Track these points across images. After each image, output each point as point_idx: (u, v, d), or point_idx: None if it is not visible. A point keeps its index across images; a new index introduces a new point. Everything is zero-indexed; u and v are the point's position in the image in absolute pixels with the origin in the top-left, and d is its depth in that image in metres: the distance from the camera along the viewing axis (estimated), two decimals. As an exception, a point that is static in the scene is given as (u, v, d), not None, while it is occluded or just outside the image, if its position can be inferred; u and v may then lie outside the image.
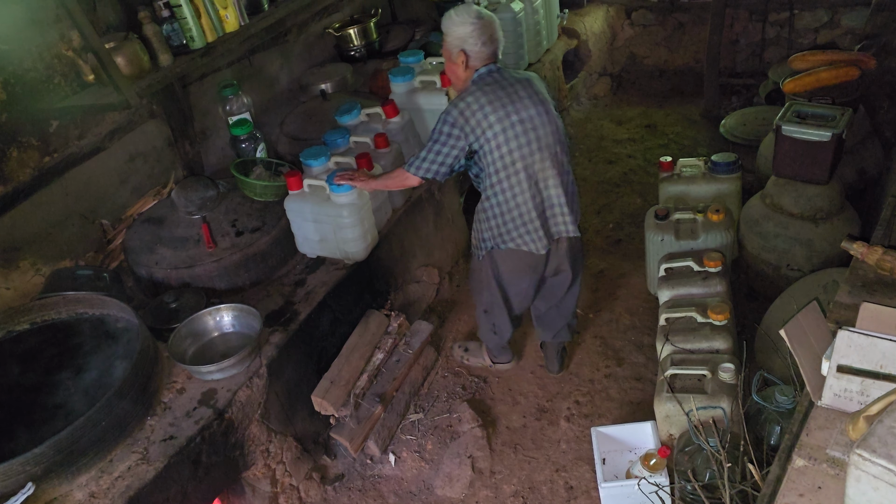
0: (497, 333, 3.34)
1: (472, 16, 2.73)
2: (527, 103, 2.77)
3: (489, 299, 3.19)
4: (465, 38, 2.74)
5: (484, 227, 2.97)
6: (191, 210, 3.23)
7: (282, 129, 4.01)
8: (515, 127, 2.74)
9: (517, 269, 3.04)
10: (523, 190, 2.82)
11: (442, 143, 2.77)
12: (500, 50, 2.83)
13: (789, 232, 3.35)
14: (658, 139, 5.25)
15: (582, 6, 5.89)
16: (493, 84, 2.76)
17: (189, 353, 2.83)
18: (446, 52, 2.83)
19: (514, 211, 2.86)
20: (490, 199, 2.87)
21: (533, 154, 2.79)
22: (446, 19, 2.79)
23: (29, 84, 3.01)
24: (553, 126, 2.83)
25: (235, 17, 3.42)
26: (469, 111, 2.72)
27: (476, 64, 2.79)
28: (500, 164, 2.77)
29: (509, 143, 2.74)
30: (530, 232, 2.90)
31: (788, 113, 3.29)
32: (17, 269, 3.05)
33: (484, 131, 2.72)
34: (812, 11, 5.28)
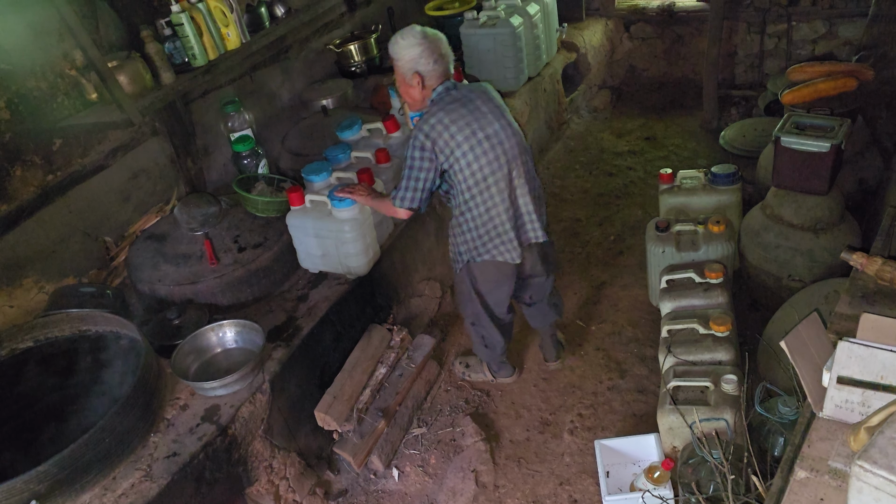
0: (488, 346, 3.35)
1: (419, 37, 2.77)
2: (490, 119, 2.82)
3: (473, 311, 3.22)
4: (416, 60, 2.77)
5: (459, 241, 3.01)
6: (193, 226, 3.25)
7: (283, 145, 4.03)
8: (483, 144, 2.78)
9: (494, 279, 3.09)
10: (496, 203, 2.87)
11: (417, 170, 2.79)
12: (451, 66, 2.86)
13: (790, 242, 3.36)
14: (658, 151, 5.27)
15: (581, 20, 5.93)
16: (453, 102, 2.79)
17: (192, 370, 2.84)
18: (400, 77, 2.86)
19: (488, 224, 2.91)
20: (465, 214, 2.91)
21: (502, 168, 2.83)
22: (393, 45, 2.82)
23: (32, 103, 3.05)
24: (517, 136, 2.89)
25: (237, 34, 3.45)
26: (435, 132, 2.75)
27: (432, 83, 2.82)
28: (471, 181, 2.81)
29: (479, 160, 2.78)
30: (505, 243, 2.95)
31: (787, 124, 3.31)
32: (20, 286, 3.06)
33: (452, 151, 2.76)
34: (809, 23, 5.31)
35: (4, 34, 2.90)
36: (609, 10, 6.03)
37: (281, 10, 3.79)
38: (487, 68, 4.76)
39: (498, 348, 3.35)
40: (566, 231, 4.56)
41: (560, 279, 4.14)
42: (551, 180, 5.08)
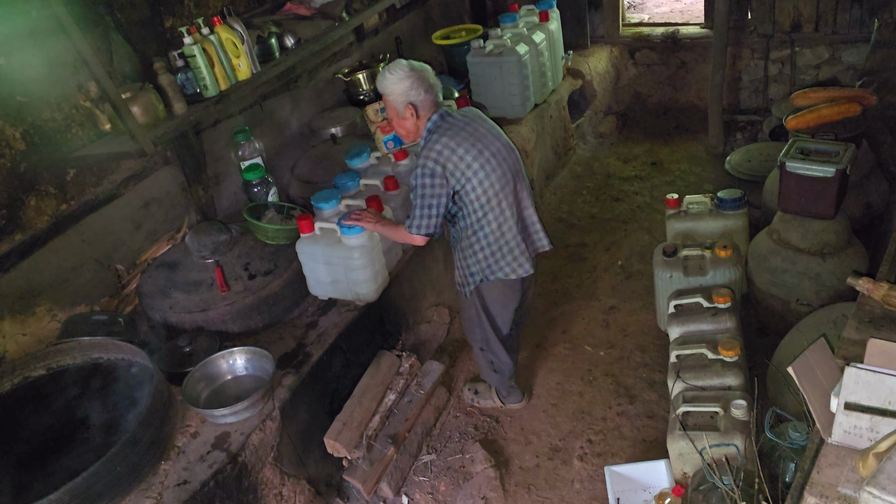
0: (498, 371, 3.37)
1: (406, 70, 2.85)
2: (490, 138, 2.93)
3: (482, 335, 3.25)
4: (407, 92, 2.84)
5: (471, 261, 3.04)
6: (204, 254, 3.28)
7: (293, 173, 4.08)
8: (491, 161, 2.87)
9: (503, 296, 3.14)
10: (506, 218, 2.95)
11: (430, 196, 2.84)
12: (440, 95, 2.94)
13: (797, 267, 3.37)
14: (664, 176, 5.30)
15: (586, 47, 6.00)
16: (452, 127, 2.87)
17: (203, 397, 2.85)
18: (393, 111, 2.93)
19: (500, 240, 2.97)
20: (477, 233, 2.96)
21: (509, 183, 2.93)
22: (383, 80, 2.89)
23: (47, 134, 3.10)
24: (515, 152, 3.03)
25: (248, 65, 3.51)
26: (443, 157, 2.81)
27: (425, 113, 2.89)
28: (483, 199, 2.88)
29: (490, 177, 2.86)
30: (517, 257, 3.02)
31: (792, 149, 3.33)
32: (33, 315, 3.09)
33: (464, 172, 2.82)
34: (813, 49, 5.36)
35: (22, 67, 2.97)
36: (614, 37, 6.10)
37: (291, 40, 3.86)
38: (494, 96, 4.81)
39: (507, 372, 3.36)
40: (573, 256, 4.58)
41: (568, 304, 4.15)
42: (558, 205, 5.11)
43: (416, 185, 2.85)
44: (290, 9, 4.12)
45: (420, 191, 2.84)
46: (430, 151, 2.83)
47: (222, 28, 3.37)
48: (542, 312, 4.12)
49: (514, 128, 4.80)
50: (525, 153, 4.74)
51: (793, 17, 5.30)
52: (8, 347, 2.99)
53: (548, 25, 5.05)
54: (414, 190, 2.87)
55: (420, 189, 2.84)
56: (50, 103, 3.11)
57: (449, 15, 6.11)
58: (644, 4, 7.41)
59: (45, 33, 3.02)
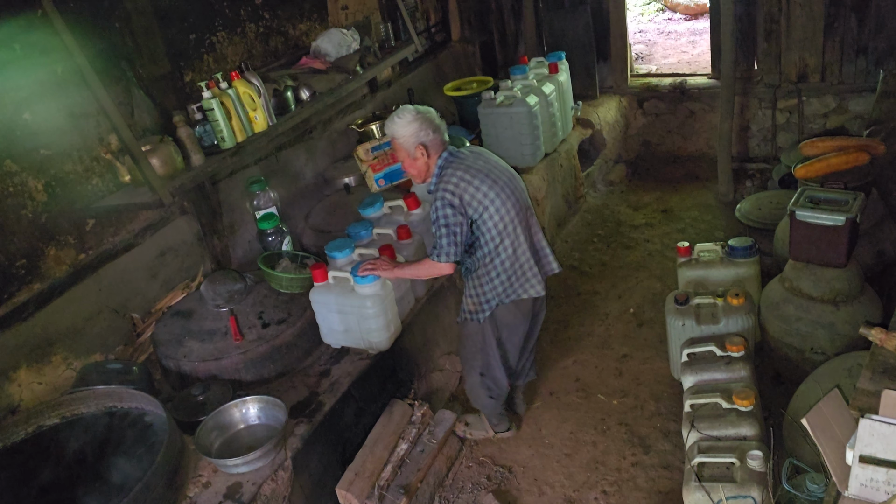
0: (494, 397, 3.43)
1: (413, 112, 3.03)
2: (499, 169, 3.12)
3: (485, 360, 3.32)
4: (416, 133, 3.00)
5: (487, 288, 3.14)
6: (219, 303, 3.32)
7: (307, 222, 4.14)
8: (505, 190, 3.04)
9: (516, 318, 3.25)
10: (521, 243, 3.10)
11: (453, 225, 2.96)
12: (445, 135, 3.11)
13: (811, 315, 3.36)
14: (675, 223, 5.33)
15: (595, 97, 6.09)
16: (464, 162, 3.04)
17: (215, 446, 2.85)
18: (404, 154, 3.07)
19: (515, 264, 3.11)
20: (494, 261, 3.08)
21: (522, 210, 3.11)
22: (392, 124, 3.04)
23: (69, 185, 3.18)
24: (521, 182, 3.20)
25: (264, 118, 3.59)
26: (460, 189, 2.95)
27: (435, 151, 3.05)
28: (501, 226, 3.02)
29: (505, 204, 3.02)
30: (530, 279, 3.16)
31: (802, 198, 3.36)
32: (49, 363, 3.12)
33: (481, 201, 2.96)
34: (820, 98, 5.42)
35: (46, 121, 3.06)
36: (622, 87, 6.20)
37: (306, 93, 3.95)
38: (505, 146, 4.88)
39: (502, 397, 3.45)
40: (586, 304, 4.58)
41: (581, 352, 4.14)
42: (570, 253, 5.13)
43: (438, 217, 2.97)
44: (305, 63, 4.23)
45: (442, 220, 2.96)
46: (446, 185, 2.97)
47: (240, 82, 3.47)
48: (555, 361, 4.11)
49: (525, 177, 4.85)
50: (536, 202, 4.79)
51: (799, 67, 5.38)
52: (24, 396, 3.01)
53: (557, 77, 5.15)
54: (435, 222, 2.98)
55: (442, 220, 2.96)
56: (72, 155, 3.19)
57: (460, 67, 6.24)
58: (651, 56, 7.54)
59: (69, 88, 3.13)
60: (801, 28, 5.24)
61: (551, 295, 4.68)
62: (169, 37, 3.55)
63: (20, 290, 3.01)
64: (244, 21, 4.06)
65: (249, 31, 4.10)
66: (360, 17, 5.04)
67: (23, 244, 3.01)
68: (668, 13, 9.06)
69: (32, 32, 2.96)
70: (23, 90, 2.97)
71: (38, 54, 3.00)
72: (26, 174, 3.01)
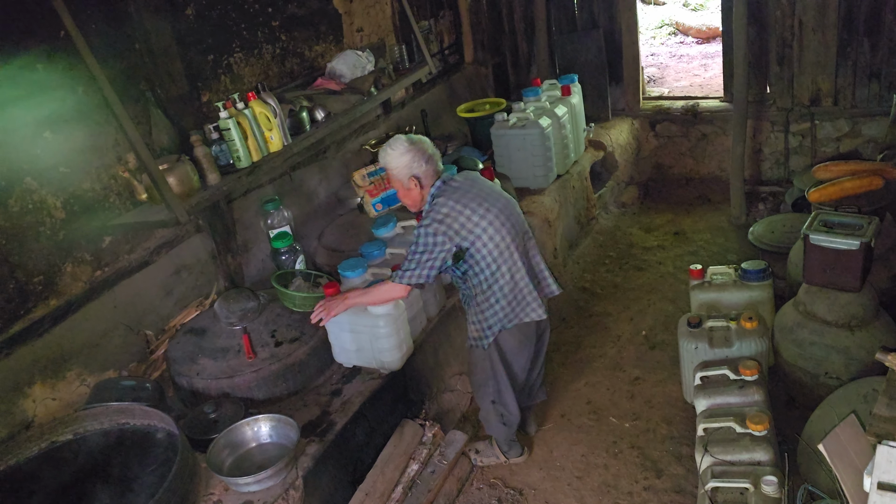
0: (507, 423, 3.41)
1: (406, 145, 3.03)
2: (494, 196, 3.11)
3: (496, 387, 3.30)
4: (409, 165, 3.02)
5: (489, 314, 3.14)
6: (232, 321, 3.33)
7: (320, 241, 4.16)
8: (500, 216, 3.05)
9: (520, 343, 3.24)
10: (519, 268, 3.10)
11: (429, 252, 2.96)
12: (440, 163, 3.10)
13: (825, 340, 3.34)
14: (687, 246, 5.32)
15: (608, 119, 6.11)
16: (457, 191, 3.04)
17: (227, 464, 2.85)
18: (398, 184, 3.10)
19: (515, 289, 3.11)
20: (492, 287, 3.08)
21: (518, 235, 3.12)
22: (385, 156, 3.06)
23: (86, 203, 3.22)
24: (517, 207, 3.21)
25: (279, 138, 3.63)
26: (450, 219, 2.96)
27: (428, 181, 3.06)
28: (496, 253, 3.02)
29: (500, 231, 3.03)
30: (530, 303, 3.15)
31: (815, 222, 3.35)
32: (63, 379, 3.14)
33: (472, 230, 2.97)
34: (833, 122, 5.42)
35: (66, 139, 3.11)
36: (635, 110, 6.22)
37: (321, 114, 3.99)
38: (518, 167, 4.91)
39: (514, 423, 3.42)
40: (597, 326, 4.57)
41: (592, 374, 4.13)
42: (581, 275, 5.13)
43: (419, 243, 2.97)
44: (320, 84, 4.27)
45: (422, 247, 2.96)
46: (436, 214, 2.98)
47: (256, 103, 3.51)
48: (567, 383, 4.10)
49: (537, 198, 4.87)
50: (548, 223, 4.80)
51: (811, 91, 5.39)
52: (37, 412, 3.03)
53: (570, 99, 5.18)
54: (414, 245, 2.98)
55: (422, 246, 2.96)
56: (90, 174, 3.23)
57: (473, 89, 6.29)
58: (664, 79, 7.57)
59: (90, 108, 3.18)
60: (814, 52, 5.26)
61: (562, 316, 4.68)
62: (187, 58, 3.61)
63: (37, 305, 3.04)
64: (261, 43, 4.12)
65: (266, 52, 4.16)
66: (375, 39, 5.10)
67: (41, 261, 3.04)
68: (680, 37, 9.11)
69: (54, 52, 3.02)
70: (44, 109, 3.01)
71: (59, 74, 3.05)
72: (45, 191, 3.05)
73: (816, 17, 5.15)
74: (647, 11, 9.69)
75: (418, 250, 2.97)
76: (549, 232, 4.82)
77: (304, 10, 4.43)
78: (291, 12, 4.33)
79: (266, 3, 4.13)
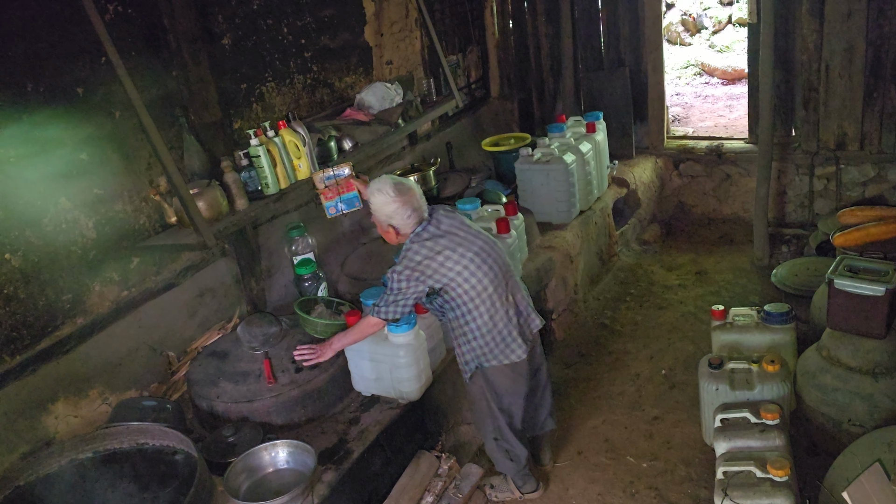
0: (513, 460, 3.37)
1: (392, 195, 3.01)
2: (472, 238, 3.10)
3: (494, 424, 3.28)
4: (391, 216, 3.04)
5: (466, 349, 3.16)
6: (254, 345, 3.36)
7: (342, 269, 4.19)
8: (475, 260, 3.03)
9: (513, 381, 3.21)
10: (497, 310, 3.08)
11: (403, 291, 3.00)
12: (425, 211, 3.09)
13: (848, 386, 3.30)
14: (709, 286, 5.29)
15: (631, 157, 6.14)
16: (433, 237, 3.04)
17: (243, 489, 2.86)
18: (376, 221, 3.14)
19: (493, 330, 3.10)
20: (469, 324, 3.09)
21: (497, 275, 3.09)
22: (371, 195, 3.08)
23: (118, 224, 3.29)
24: (498, 247, 3.19)
25: (307, 165, 3.69)
26: (424, 263, 2.98)
27: (406, 231, 3.07)
28: (473, 293, 3.03)
29: (475, 275, 3.02)
30: (509, 344, 3.14)
31: (840, 267, 3.33)
32: (86, 397, 3.18)
33: (445, 274, 2.99)
34: (858, 167, 5.39)
35: (101, 162, 3.19)
36: (659, 149, 6.25)
37: (349, 144, 4.05)
38: (541, 202, 4.93)
39: (522, 458, 3.39)
40: (616, 363, 4.54)
41: (610, 412, 4.10)
42: (602, 311, 5.12)
43: (392, 284, 3.01)
44: (349, 114, 4.35)
45: (395, 288, 3.00)
46: (409, 261, 3.01)
47: (286, 131, 3.58)
48: (584, 420, 4.07)
49: (559, 233, 4.89)
50: (570, 258, 4.81)
51: (837, 135, 5.38)
52: (59, 428, 3.07)
53: (594, 136, 5.22)
54: (389, 284, 3.03)
55: (395, 286, 3.00)
56: (122, 196, 3.31)
57: (498, 123, 6.36)
58: (688, 119, 7.61)
59: (125, 131, 3.27)
60: (840, 97, 5.26)
61: (581, 352, 4.66)
62: (221, 86, 3.69)
63: (64, 323, 3.10)
64: (293, 73, 4.21)
65: (297, 82, 4.25)
66: (404, 71, 5.19)
67: (70, 279, 3.11)
68: (706, 77, 9.16)
69: (94, 77, 3.11)
70: (82, 131, 3.10)
71: (98, 98, 3.14)
72: (79, 212, 3.12)
73: (843, 63, 5.17)
74: (673, 52, 9.77)
75: (392, 291, 3.01)
76: (570, 267, 4.82)
77: (336, 42, 4.54)
78: (324, 44, 4.43)
79: (299, 34, 4.24)
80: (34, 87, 2.92)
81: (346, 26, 4.62)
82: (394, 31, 5.07)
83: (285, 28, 4.13)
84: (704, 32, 10.11)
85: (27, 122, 2.89)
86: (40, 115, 2.94)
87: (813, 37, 5.23)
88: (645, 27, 5.93)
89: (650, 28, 5.92)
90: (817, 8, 5.14)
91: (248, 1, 3.87)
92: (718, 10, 10.17)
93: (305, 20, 4.27)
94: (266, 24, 4.00)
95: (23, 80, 2.88)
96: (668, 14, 10.04)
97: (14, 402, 2.92)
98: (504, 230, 4.01)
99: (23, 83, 2.88)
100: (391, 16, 5.02)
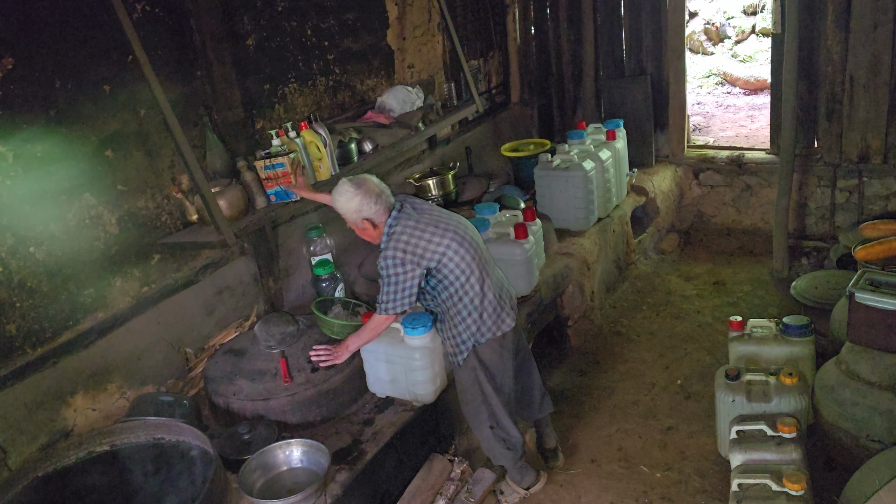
0: (511, 448, 3.38)
1: (352, 190, 3.03)
2: (446, 216, 3.19)
3: (489, 410, 3.30)
4: (359, 209, 3.05)
5: (461, 328, 3.18)
6: (271, 344, 3.38)
7: (360, 271, 4.21)
8: (456, 235, 3.10)
9: (500, 356, 3.27)
10: (484, 280, 3.16)
11: (403, 281, 3.03)
12: (391, 197, 3.12)
13: (868, 401, 3.26)
14: (726, 297, 5.26)
15: (651, 166, 6.12)
16: (411, 218, 3.08)
17: (257, 486, 2.87)
18: (353, 225, 3.15)
19: (484, 301, 3.16)
20: (463, 299, 3.13)
21: (478, 252, 3.17)
22: (336, 203, 3.11)
23: (140, 221, 3.32)
24: (470, 225, 3.26)
25: (328, 167, 3.72)
26: (411, 245, 3.02)
27: (381, 220, 3.08)
28: (463, 266, 3.09)
29: (462, 247, 3.09)
30: (499, 313, 3.21)
31: (861, 280, 3.30)
32: (105, 391, 3.21)
33: (435, 250, 3.04)
34: (881, 180, 5.35)
35: (125, 158, 3.22)
36: (679, 157, 6.22)
37: (369, 146, 4.07)
38: (559, 208, 4.93)
39: (519, 446, 3.41)
40: (631, 372, 4.52)
41: (625, 421, 4.08)
42: (618, 319, 5.10)
43: (387, 275, 3.03)
44: (370, 117, 4.37)
45: (392, 279, 3.02)
46: (396, 244, 3.02)
47: (308, 132, 3.61)
48: (598, 428, 4.05)
49: (576, 240, 4.88)
50: (587, 265, 4.80)
51: (860, 148, 5.33)
52: (77, 421, 3.10)
53: (614, 144, 5.21)
54: (384, 279, 3.05)
55: (393, 277, 3.02)
56: (145, 193, 3.34)
57: (517, 128, 6.36)
58: (709, 128, 7.56)
59: (150, 129, 3.30)
60: (864, 110, 5.21)
61: (596, 360, 4.65)
62: (245, 86, 3.73)
63: (85, 317, 3.13)
64: (315, 75, 4.24)
65: (320, 84, 4.28)
66: (425, 75, 5.21)
67: (92, 274, 3.14)
68: (728, 87, 9.10)
69: (121, 75, 3.15)
70: (107, 128, 3.14)
71: (124, 96, 3.18)
72: (102, 207, 3.15)
73: (868, 75, 5.12)
74: (695, 61, 9.72)
75: (391, 282, 3.03)
76: (586, 274, 4.81)
77: (359, 45, 4.56)
78: (347, 47, 4.45)
79: (323, 37, 4.26)
80: (62, 84, 2.96)
81: (368, 29, 4.64)
82: (416, 34, 5.09)
83: (309, 30, 4.16)
84: (727, 42, 10.05)
85: (55, 119, 2.93)
86: (68, 111, 2.98)
87: (838, 48, 5.19)
88: (667, 35, 5.91)
89: (673, 36, 5.90)
90: (843, 20, 5.10)
91: (273, 2, 3.90)
92: (742, 20, 10.10)
93: (329, 22, 4.30)
94: (290, 25, 4.03)
95: (51, 77, 2.92)
96: (690, 23, 9.99)
97: (34, 393, 2.95)
98: (522, 236, 4.01)
99: (51, 80, 2.92)
100: (414, 20, 5.04)
